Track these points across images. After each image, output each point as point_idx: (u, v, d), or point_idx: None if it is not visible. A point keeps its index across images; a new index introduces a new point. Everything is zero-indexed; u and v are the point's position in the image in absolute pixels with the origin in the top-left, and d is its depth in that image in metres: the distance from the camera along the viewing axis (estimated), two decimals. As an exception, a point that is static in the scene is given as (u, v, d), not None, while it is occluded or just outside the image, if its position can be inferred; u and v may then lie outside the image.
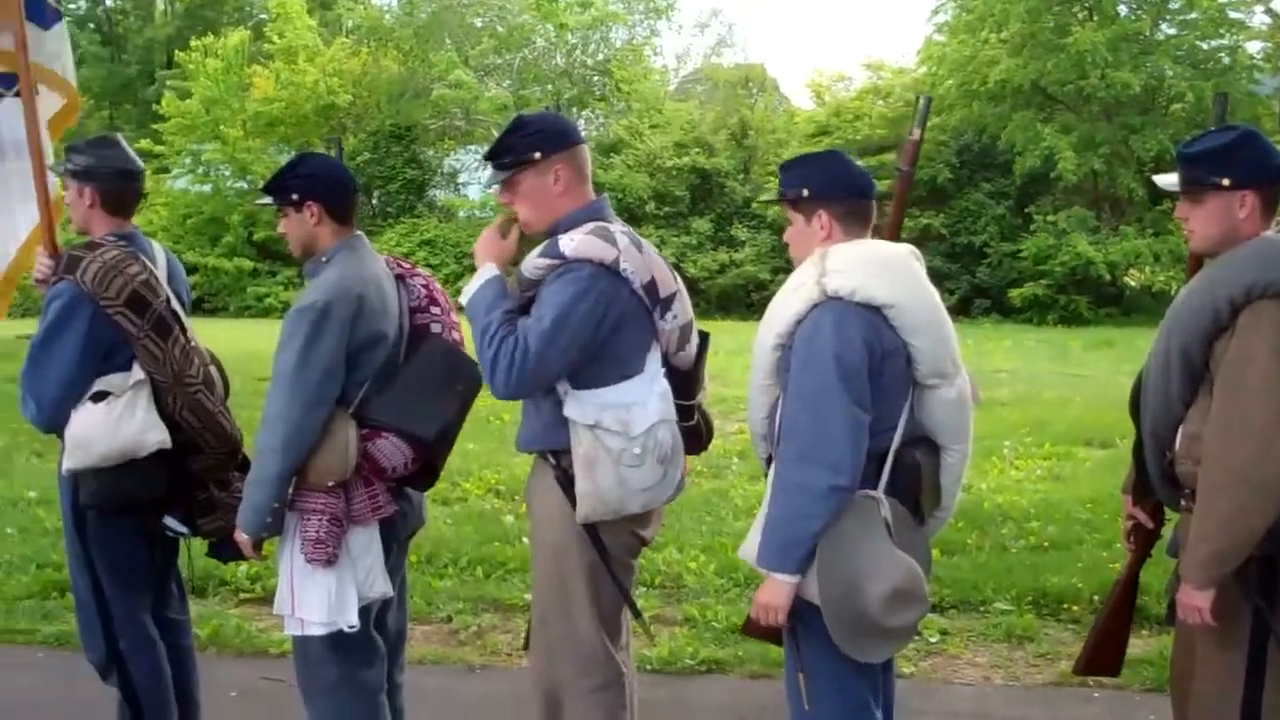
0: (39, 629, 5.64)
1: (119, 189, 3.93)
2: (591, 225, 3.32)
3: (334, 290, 3.44)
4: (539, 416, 3.41)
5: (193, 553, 4.17)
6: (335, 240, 3.61)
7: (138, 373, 3.71)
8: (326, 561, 3.43)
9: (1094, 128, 27.28)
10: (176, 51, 36.55)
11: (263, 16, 38.26)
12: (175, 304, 3.86)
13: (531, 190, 3.41)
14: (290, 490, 3.48)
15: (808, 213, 3.25)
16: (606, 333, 3.27)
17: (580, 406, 3.28)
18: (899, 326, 3.07)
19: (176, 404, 3.75)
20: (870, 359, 3.03)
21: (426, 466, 3.66)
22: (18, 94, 4.28)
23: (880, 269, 3.11)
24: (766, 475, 3.34)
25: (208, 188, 32.31)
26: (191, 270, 27.90)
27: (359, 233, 3.71)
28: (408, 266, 3.85)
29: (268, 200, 3.65)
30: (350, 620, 3.49)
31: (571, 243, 3.25)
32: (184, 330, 3.84)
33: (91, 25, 47.74)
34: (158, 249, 4.03)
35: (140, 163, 4.08)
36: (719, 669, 5.23)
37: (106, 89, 44.21)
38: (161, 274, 3.89)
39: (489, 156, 3.51)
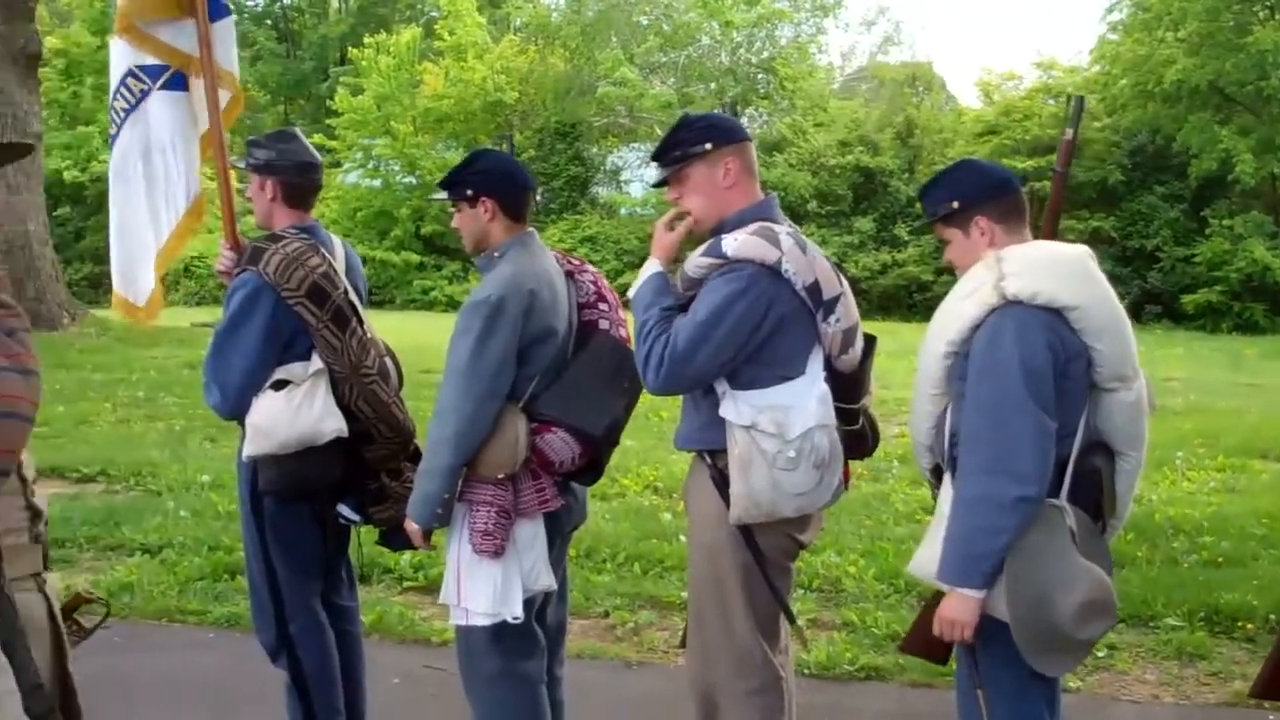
0: (210, 610, 5.79)
1: (300, 182, 3.99)
2: (756, 225, 3.29)
3: (508, 285, 3.47)
4: (697, 416, 3.42)
5: (361, 540, 4.25)
6: (507, 236, 3.64)
7: (316, 362, 3.78)
8: (494, 553, 3.47)
9: (1274, 130, 26.17)
10: (350, 48, 37.46)
11: (434, 14, 38.97)
12: (353, 296, 3.90)
13: (701, 182, 3.40)
14: (460, 482, 3.50)
15: (964, 224, 3.19)
16: (765, 334, 3.26)
17: (737, 407, 3.28)
18: (1081, 330, 2.98)
19: (352, 394, 3.81)
20: (1054, 363, 2.94)
21: (592, 462, 3.66)
22: (163, 88, 4.40)
23: (1061, 271, 3.02)
24: (931, 485, 3.29)
25: (377, 182, 33.05)
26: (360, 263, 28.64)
27: (531, 229, 3.72)
28: (577, 263, 3.85)
29: (442, 195, 3.70)
30: (515, 612, 3.51)
31: (735, 242, 3.24)
32: (361, 322, 3.89)
33: (268, 22, 49.25)
34: (337, 242, 4.10)
35: (319, 156, 4.13)
36: (878, 676, 5.13)
37: (282, 85, 45.51)
38: (340, 266, 3.94)
39: (656, 155, 3.50)
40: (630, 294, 3.44)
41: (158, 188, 4.48)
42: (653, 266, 3.42)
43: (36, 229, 16.45)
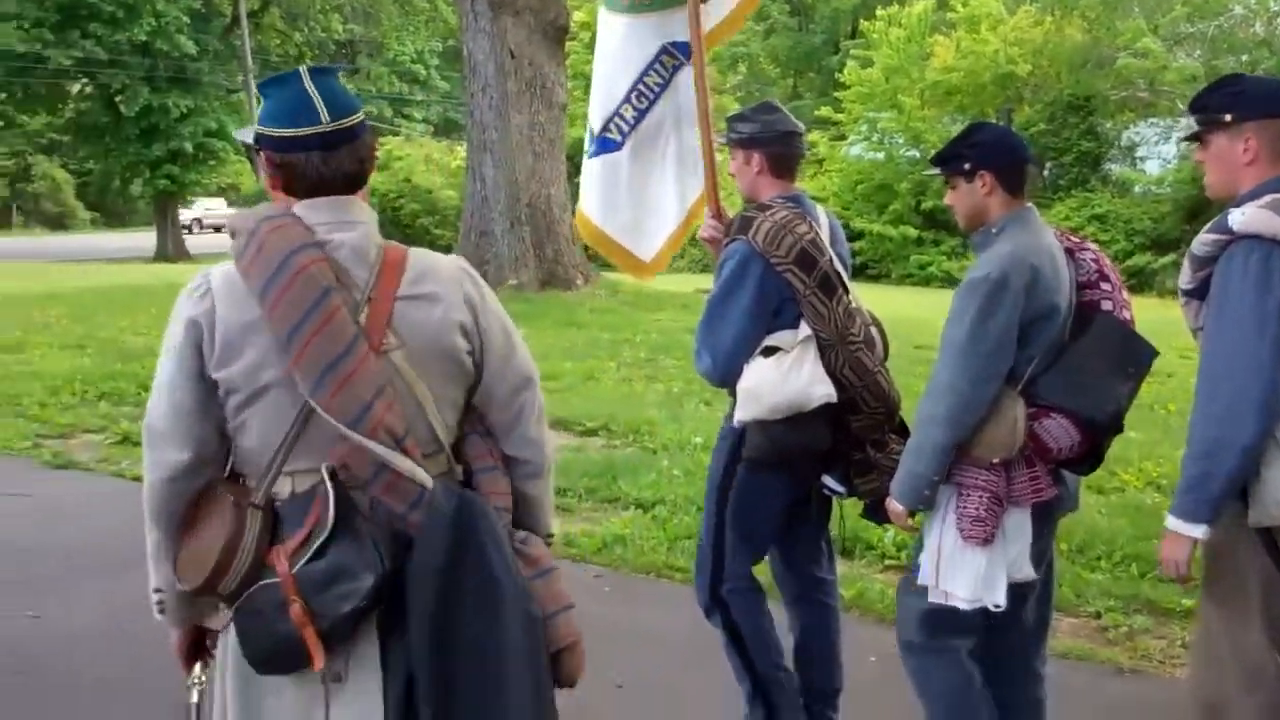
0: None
1: (784, 152, 4.01)
2: (1269, 198, 3.04)
3: (1008, 261, 3.34)
4: None
5: (844, 514, 4.22)
6: (1005, 211, 3.50)
7: (805, 329, 3.76)
8: (984, 540, 3.36)
9: None
10: (862, 21, 37.61)
11: (948, -15, 38.47)
12: (837, 265, 3.88)
13: (1219, 154, 3.20)
14: (949, 464, 3.40)
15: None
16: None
17: None
18: None
19: (839, 361, 3.77)
20: None
21: (1091, 450, 3.47)
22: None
23: None
24: None
25: (880, 155, 33.02)
26: (857, 236, 28.75)
27: (1029, 204, 3.56)
28: (1076, 240, 3.66)
29: (937, 170, 3.60)
30: (998, 599, 3.40)
31: (1241, 216, 3.02)
32: (846, 290, 3.87)
33: (783, -4, 50.28)
34: (820, 212, 4.08)
35: (800, 125, 4.10)
36: None
37: (792, 57, 46.41)
38: (825, 235, 3.92)
39: (1193, 107, 3.30)
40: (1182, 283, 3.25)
41: (687, 158, 4.65)
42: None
43: (557, 194, 17.61)
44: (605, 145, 4.77)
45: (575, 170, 5.66)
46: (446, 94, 68.88)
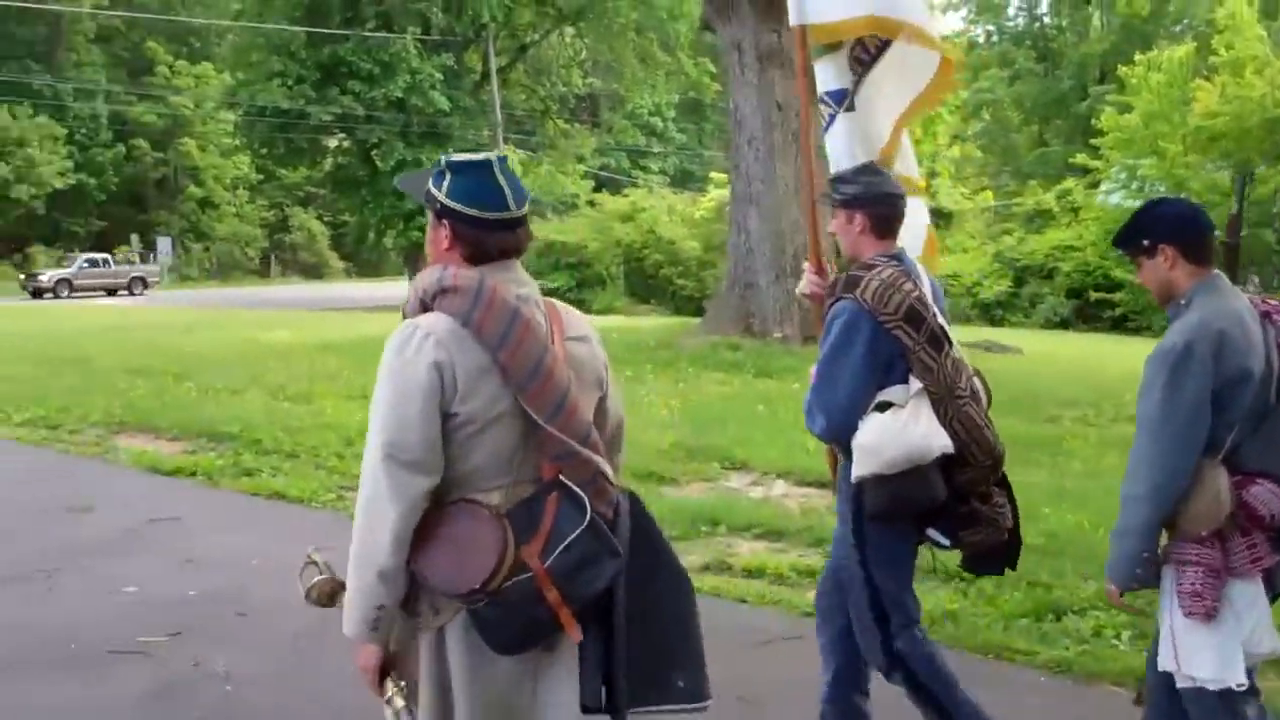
0: (1038, 650, 5.53)
1: (886, 213, 4.06)
2: None
3: (1194, 330, 3.36)
4: None
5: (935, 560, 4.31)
6: (1192, 281, 3.49)
7: (915, 384, 3.82)
8: (1205, 615, 3.33)
9: None
10: (1117, 65, 36.44)
11: (1205, 29, 36.92)
12: (941, 320, 3.93)
13: None
14: (1165, 542, 3.42)
15: None
16: None
17: None
18: None
19: (948, 414, 3.83)
20: None
21: None
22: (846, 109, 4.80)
23: None
24: None
25: (1138, 203, 31.80)
26: (1116, 286, 27.83)
27: (1217, 271, 3.54)
28: (1274, 304, 3.60)
29: (1120, 252, 3.70)
30: (1239, 679, 3.33)
31: None
32: (951, 345, 3.91)
33: (1028, 42, 49.24)
34: (920, 269, 4.16)
35: (901, 187, 4.20)
36: None
37: (1038, 104, 45.32)
38: (927, 293, 3.97)
39: None
40: None
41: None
42: None
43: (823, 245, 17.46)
44: None
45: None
46: (682, 145, 69.67)
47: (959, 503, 3.94)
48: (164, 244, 53.75)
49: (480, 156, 2.87)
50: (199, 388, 13.55)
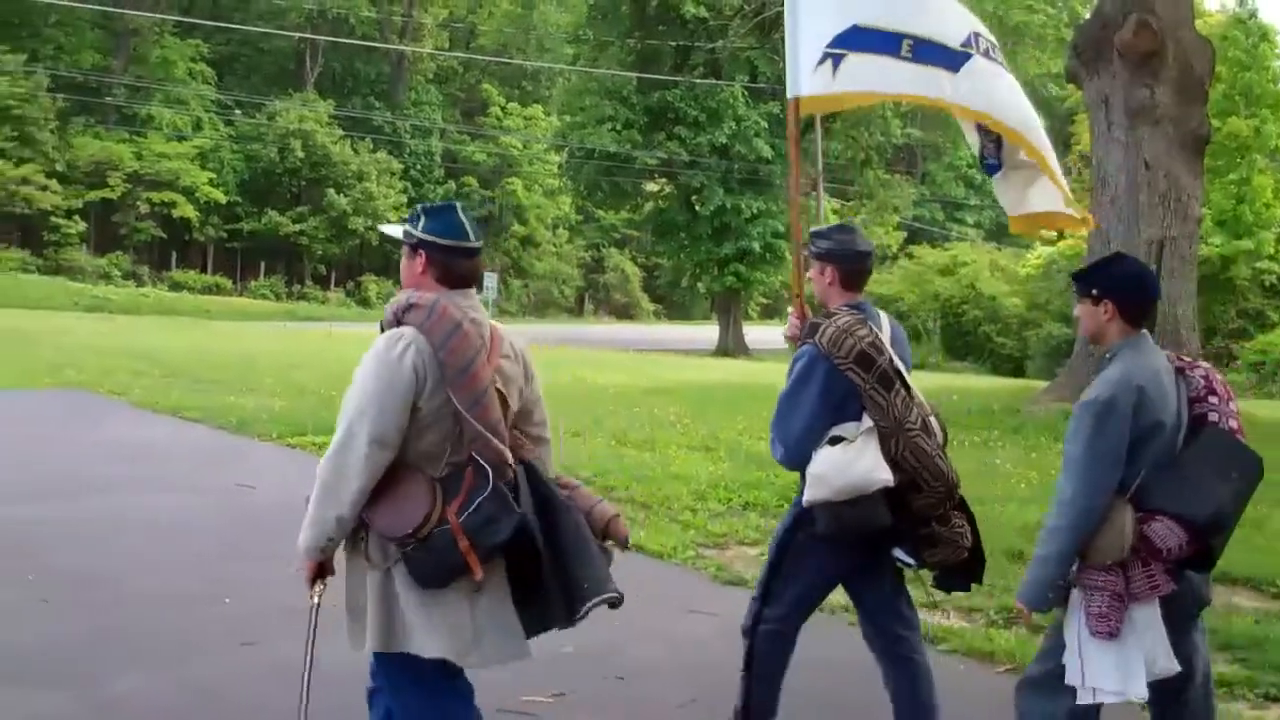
0: None
1: (854, 268, 4.65)
2: None
3: (1117, 385, 3.80)
4: None
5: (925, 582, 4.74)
6: (1122, 337, 3.95)
7: (867, 421, 4.35)
8: (1109, 634, 3.74)
9: None
10: None
11: None
12: (898, 363, 4.44)
13: None
14: (1074, 569, 3.83)
15: None
16: None
17: None
18: None
19: (899, 447, 4.33)
20: None
21: (1203, 549, 3.80)
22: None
23: None
24: None
25: None
26: None
27: (1144, 332, 3.98)
28: (1188, 361, 4.10)
29: (1073, 289, 4.13)
30: (1139, 691, 3.78)
31: None
32: (905, 385, 4.43)
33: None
34: (884, 318, 4.68)
35: (872, 245, 4.80)
36: None
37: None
38: (886, 338, 4.50)
39: None
40: None
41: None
42: None
43: (1185, 314, 16.27)
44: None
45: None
46: (1000, 199, 67.68)
47: (919, 525, 4.44)
48: (490, 279, 55.80)
49: (447, 202, 3.88)
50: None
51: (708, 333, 42.88)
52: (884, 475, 4.27)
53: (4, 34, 49.82)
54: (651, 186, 44.09)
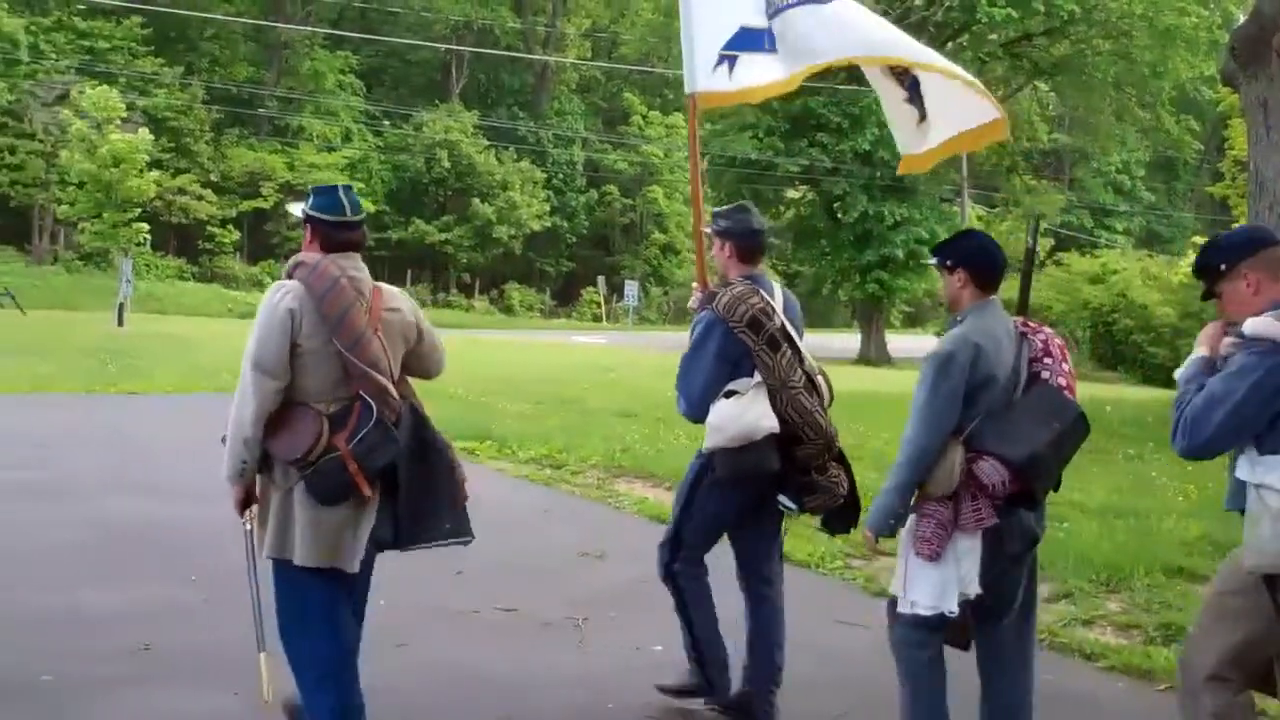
0: None
1: (749, 244, 5.27)
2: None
3: (957, 341, 4.31)
4: (1233, 477, 3.97)
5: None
6: (972, 302, 4.46)
7: (757, 377, 4.97)
8: (930, 557, 4.23)
9: None
10: None
11: None
12: (789, 329, 5.06)
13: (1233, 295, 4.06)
14: (913, 499, 4.32)
15: None
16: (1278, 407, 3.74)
17: (1250, 468, 3.82)
18: None
19: (782, 402, 4.92)
20: None
21: (1025, 490, 4.27)
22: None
23: None
24: None
25: None
26: None
27: (993, 297, 4.50)
28: (1033, 326, 4.59)
29: (932, 261, 4.63)
30: (951, 608, 4.26)
31: (1252, 323, 3.80)
32: (794, 348, 5.03)
33: None
34: (776, 287, 5.28)
35: (764, 223, 5.44)
36: None
37: None
38: (778, 305, 5.11)
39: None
40: (1176, 374, 4.06)
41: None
42: (1197, 351, 4.08)
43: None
44: None
45: None
46: (1150, 205, 66.12)
47: (801, 473, 5.02)
48: (631, 287, 56.10)
49: (330, 185, 4.59)
50: (687, 435, 13.69)
51: (847, 341, 42.41)
52: (770, 423, 4.87)
53: (162, 48, 51.61)
54: (792, 194, 43.77)
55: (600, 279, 58.59)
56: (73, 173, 37.70)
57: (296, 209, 4.52)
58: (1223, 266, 4.06)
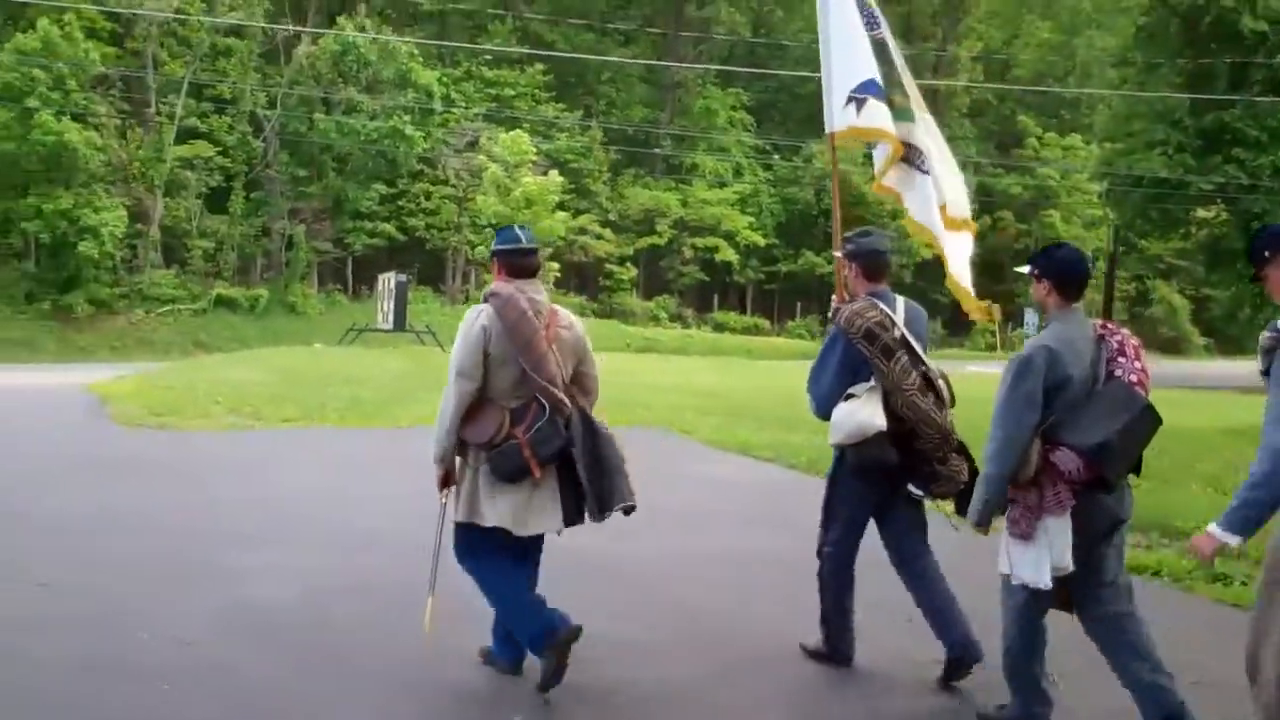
0: None
1: (873, 263, 5.97)
2: None
3: (1036, 346, 4.83)
4: None
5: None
6: (1056, 310, 4.99)
7: (873, 382, 5.66)
8: (1021, 537, 4.81)
9: None
10: None
11: None
12: (910, 339, 5.69)
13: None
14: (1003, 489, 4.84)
15: None
16: None
17: None
18: None
19: (899, 403, 5.57)
20: None
21: (1100, 477, 4.71)
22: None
23: None
24: None
25: None
26: None
27: (1077, 305, 5.00)
28: (1111, 327, 5.06)
29: (1024, 270, 5.12)
30: (1045, 582, 4.79)
31: None
32: (911, 354, 5.65)
33: None
34: (900, 302, 5.91)
35: (889, 245, 6.03)
36: None
37: None
38: (900, 318, 5.76)
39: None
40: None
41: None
42: None
43: None
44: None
45: None
46: None
47: (923, 464, 5.66)
48: (1029, 315, 54.39)
49: (509, 224, 5.89)
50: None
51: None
52: (880, 422, 5.54)
53: (563, 93, 54.49)
54: (1203, 213, 41.30)
55: (994, 306, 56.98)
56: (485, 215, 40.06)
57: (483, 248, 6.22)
58: (1267, 253, 4.39)
